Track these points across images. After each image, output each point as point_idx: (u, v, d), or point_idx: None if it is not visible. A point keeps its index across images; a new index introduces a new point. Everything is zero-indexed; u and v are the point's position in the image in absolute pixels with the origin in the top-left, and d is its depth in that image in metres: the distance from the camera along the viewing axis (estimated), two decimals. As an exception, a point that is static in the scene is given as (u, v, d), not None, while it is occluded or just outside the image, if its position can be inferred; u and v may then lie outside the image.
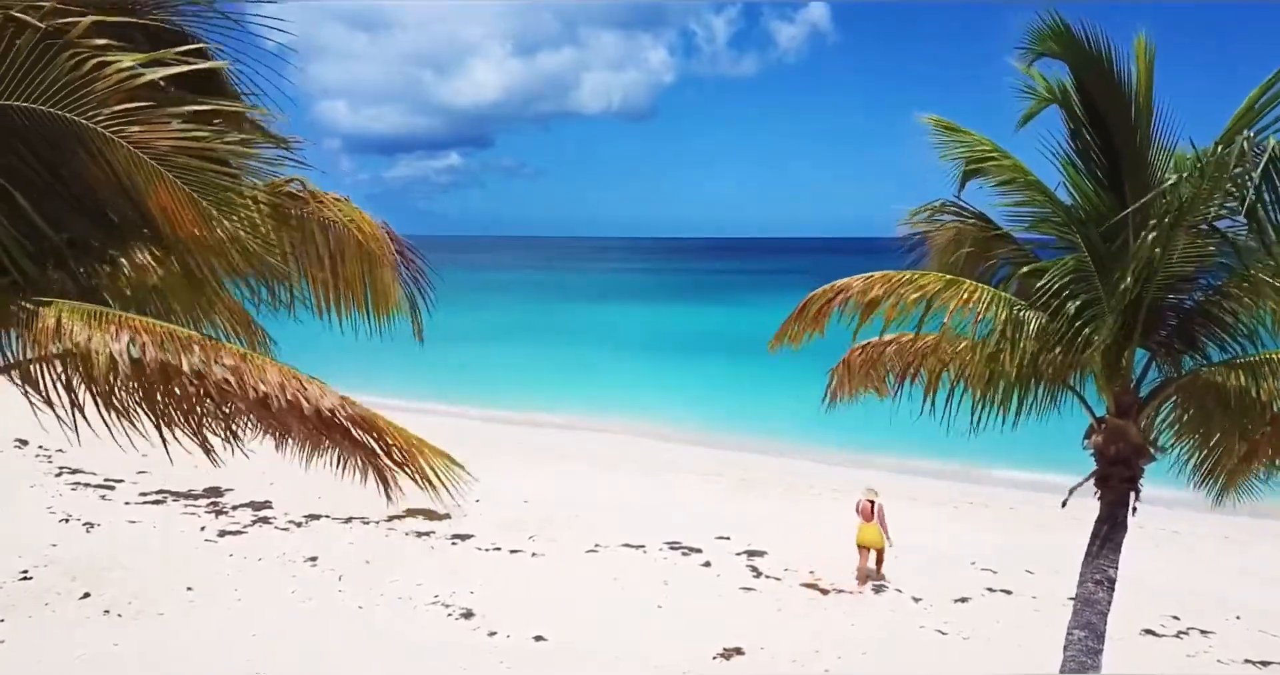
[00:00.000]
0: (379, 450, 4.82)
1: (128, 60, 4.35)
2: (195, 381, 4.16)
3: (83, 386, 4.35)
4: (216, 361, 4.17)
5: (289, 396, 4.25)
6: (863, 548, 14.87)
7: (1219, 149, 6.21)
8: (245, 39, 5.38)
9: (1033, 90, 7.51)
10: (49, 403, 4.48)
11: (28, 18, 4.21)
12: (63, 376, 4.41)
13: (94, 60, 4.29)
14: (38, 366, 4.37)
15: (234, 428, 4.69)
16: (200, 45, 4.93)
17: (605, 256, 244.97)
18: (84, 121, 4.26)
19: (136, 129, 4.31)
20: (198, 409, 4.48)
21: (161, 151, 4.34)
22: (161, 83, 4.57)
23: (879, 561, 15.05)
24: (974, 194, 8.41)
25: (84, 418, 4.53)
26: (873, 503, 14.81)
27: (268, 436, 4.98)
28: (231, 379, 4.16)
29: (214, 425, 4.61)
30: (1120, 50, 6.91)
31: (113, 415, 4.46)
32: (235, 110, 5.01)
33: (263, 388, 4.18)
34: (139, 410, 4.47)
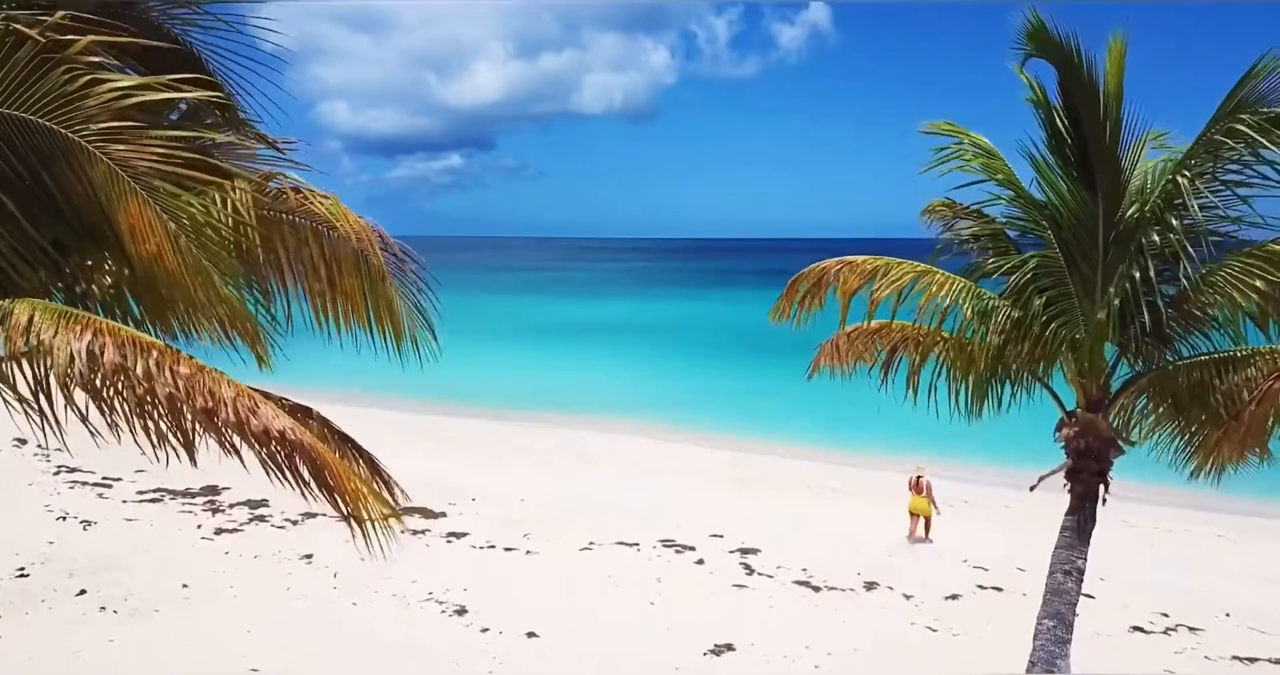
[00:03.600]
0: (314, 482, 4.85)
1: (122, 81, 4.54)
2: (144, 383, 4.27)
3: (48, 385, 4.44)
4: (170, 367, 4.29)
5: (239, 412, 4.37)
6: (913, 515, 17.73)
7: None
8: (241, 40, 5.49)
9: (1035, 101, 7.57)
10: (20, 400, 4.59)
11: (28, 31, 4.39)
12: (30, 373, 4.52)
13: (87, 77, 4.49)
14: (8, 365, 4.49)
15: (187, 434, 4.70)
16: (198, 75, 5.04)
17: (605, 256, 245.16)
18: (70, 135, 4.44)
19: (119, 147, 4.49)
20: (148, 412, 4.55)
21: (139, 171, 4.50)
22: (172, 104, 4.73)
23: (927, 527, 17.66)
24: (977, 192, 8.48)
25: (50, 416, 4.62)
26: (920, 478, 17.52)
27: (220, 448, 4.95)
28: (182, 386, 4.28)
29: (166, 429, 4.65)
30: (1095, 49, 7.02)
31: (70, 410, 4.55)
32: (219, 135, 5.09)
33: (210, 400, 4.30)
34: (100, 410, 4.56)
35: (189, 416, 4.46)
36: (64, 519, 16.30)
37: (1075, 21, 7.05)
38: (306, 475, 4.80)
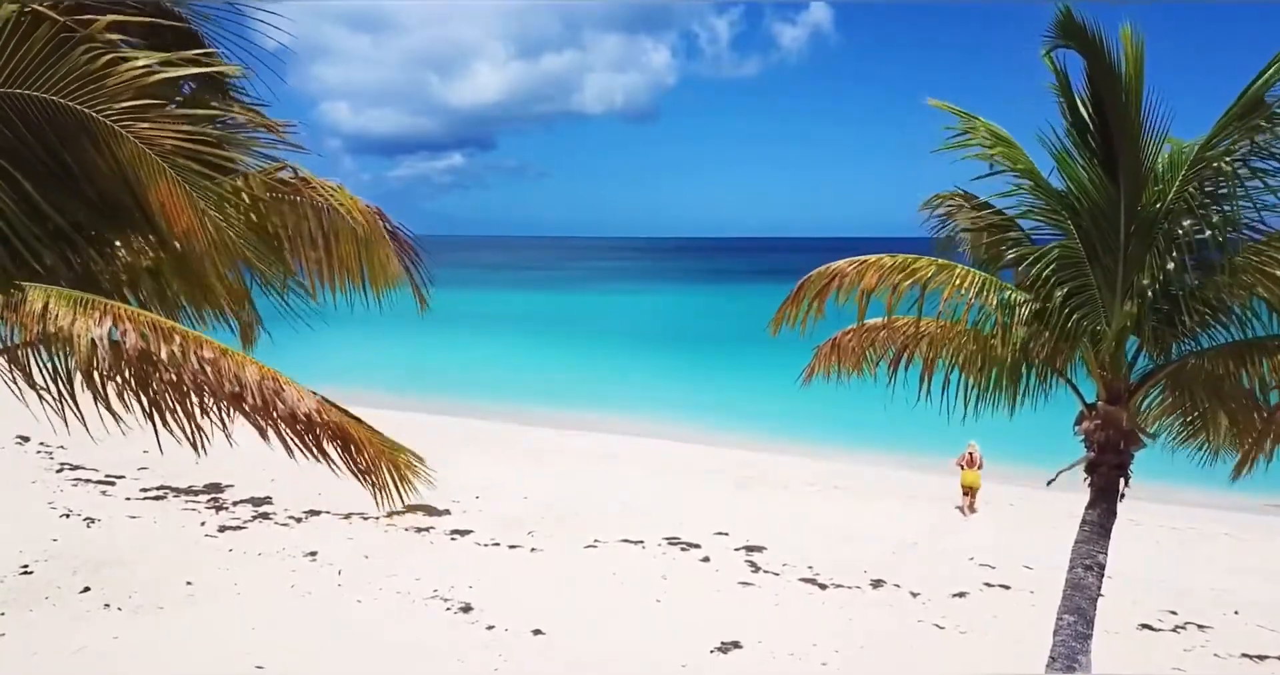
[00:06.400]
0: (343, 459, 4.87)
1: (143, 59, 4.53)
2: (171, 370, 4.24)
3: (69, 373, 4.42)
4: (195, 352, 4.27)
5: (264, 395, 4.35)
6: (966, 487, 19.57)
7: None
8: (248, 36, 5.45)
9: (1056, 87, 7.53)
10: (33, 388, 4.55)
11: (47, 10, 4.37)
12: (48, 362, 4.49)
13: (109, 56, 4.47)
14: (25, 352, 4.44)
15: (211, 420, 4.73)
16: (210, 50, 5.05)
17: (606, 255, 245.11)
18: (94, 114, 4.44)
19: (145, 125, 4.50)
20: (175, 398, 4.54)
21: (166, 149, 4.53)
22: (181, 82, 4.80)
23: (975, 497, 19.72)
24: (987, 183, 8.37)
25: (69, 404, 4.57)
26: (973, 455, 19.32)
27: (247, 432, 4.96)
28: (209, 370, 4.26)
29: (191, 416, 4.66)
30: (1116, 42, 6.98)
31: (97, 400, 4.53)
32: (239, 114, 5.11)
33: (237, 385, 4.28)
34: (121, 397, 4.55)
35: (216, 402, 4.45)
36: (67, 516, 16.25)
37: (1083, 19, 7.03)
38: (335, 455, 4.80)
